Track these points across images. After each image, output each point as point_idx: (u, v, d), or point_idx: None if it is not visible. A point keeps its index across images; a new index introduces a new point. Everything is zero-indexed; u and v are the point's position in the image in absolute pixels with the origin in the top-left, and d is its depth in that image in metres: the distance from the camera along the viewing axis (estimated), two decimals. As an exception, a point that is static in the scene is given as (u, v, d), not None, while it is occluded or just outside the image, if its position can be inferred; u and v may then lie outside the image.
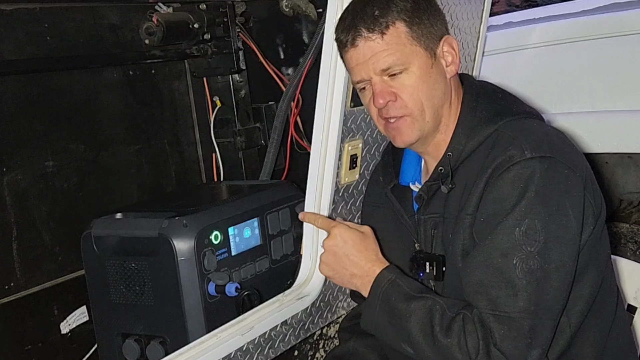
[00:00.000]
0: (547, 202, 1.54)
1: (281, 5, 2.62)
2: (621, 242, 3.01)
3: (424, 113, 1.67)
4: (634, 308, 2.12)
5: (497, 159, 1.58)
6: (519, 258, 1.52)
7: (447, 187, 1.67)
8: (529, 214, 1.53)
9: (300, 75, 2.43)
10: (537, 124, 1.68)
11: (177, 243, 1.97)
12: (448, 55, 1.69)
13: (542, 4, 4.27)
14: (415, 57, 1.65)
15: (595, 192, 1.64)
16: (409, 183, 1.82)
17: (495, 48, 2.94)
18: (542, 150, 1.57)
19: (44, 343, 2.22)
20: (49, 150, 2.25)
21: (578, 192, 1.57)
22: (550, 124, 1.77)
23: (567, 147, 1.64)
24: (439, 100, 1.68)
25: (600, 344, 1.67)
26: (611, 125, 2.90)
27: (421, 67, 1.65)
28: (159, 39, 2.37)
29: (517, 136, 1.60)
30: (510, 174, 1.56)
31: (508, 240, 1.54)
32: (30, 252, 2.19)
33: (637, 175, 3.01)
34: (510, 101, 1.74)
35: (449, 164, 1.68)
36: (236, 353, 1.76)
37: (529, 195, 1.54)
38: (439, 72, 1.68)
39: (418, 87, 1.65)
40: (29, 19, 2.15)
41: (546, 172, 1.55)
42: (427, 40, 1.66)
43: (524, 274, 1.52)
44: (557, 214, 1.54)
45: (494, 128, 1.65)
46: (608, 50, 2.95)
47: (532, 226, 1.53)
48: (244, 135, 2.68)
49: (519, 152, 1.57)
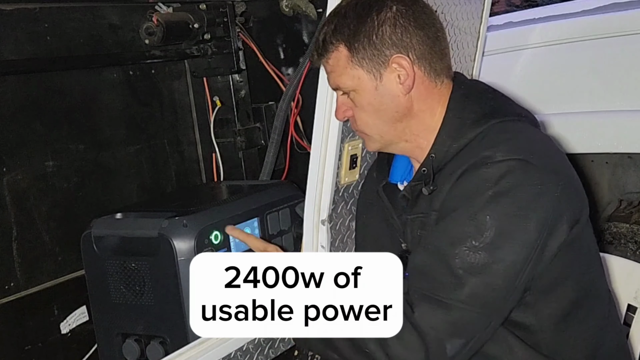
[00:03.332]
0: (508, 201, 1.53)
1: (281, 5, 2.62)
2: (621, 242, 3.01)
3: (373, 131, 1.73)
4: (634, 308, 2.12)
5: (471, 160, 1.59)
6: (463, 249, 1.53)
7: (429, 189, 1.67)
8: (484, 209, 1.54)
9: (300, 75, 2.43)
10: (523, 127, 1.68)
11: (177, 243, 1.97)
12: (399, 74, 1.68)
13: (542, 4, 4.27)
14: (358, 80, 1.68)
15: (574, 200, 1.62)
16: (398, 182, 1.83)
17: (495, 48, 2.94)
18: (516, 153, 1.56)
19: (44, 343, 2.22)
20: (49, 150, 2.25)
21: (549, 198, 1.55)
22: (544, 124, 1.76)
23: (547, 151, 1.64)
24: (390, 119, 1.70)
25: (590, 348, 1.67)
26: (611, 125, 2.89)
27: (365, 89, 1.68)
28: (159, 39, 2.37)
29: (497, 139, 1.60)
30: (477, 173, 1.57)
31: (458, 230, 1.55)
32: (30, 252, 2.19)
33: (637, 175, 3.01)
34: (501, 102, 1.73)
35: (432, 166, 1.68)
36: (236, 353, 1.76)
37: (489, 193, 1.54)
38: (386, 92, 1.68)
39: (364, 108, 1.70)
40: (29, 19, 2.14)
41: (514, 174, 1.54)
42: (370, 63, 1.67)
43: (463, 265, 1.53)
44: (516, 215, 1.53)
45: (479, 130, 1.64)
46: (608, 50, 2.95)
47: (484, 221, 1.53)
48: (244, 135, 2.68)
49: (491, 154, 1.57)
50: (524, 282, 1.56)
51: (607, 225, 3.03)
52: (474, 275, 1.52)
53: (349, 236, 2.04)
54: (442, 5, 2.05)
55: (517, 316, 1.62)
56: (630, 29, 2.88)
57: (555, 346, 1.64)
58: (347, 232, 2.03)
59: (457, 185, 1.59)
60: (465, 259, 1.53)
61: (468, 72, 2.33)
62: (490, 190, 1.54)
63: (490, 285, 1.53)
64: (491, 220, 1.53)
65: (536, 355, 1.62)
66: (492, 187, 1.54)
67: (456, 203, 1.58)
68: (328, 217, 1.94)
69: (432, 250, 1.58)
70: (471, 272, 1.52)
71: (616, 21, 2.94)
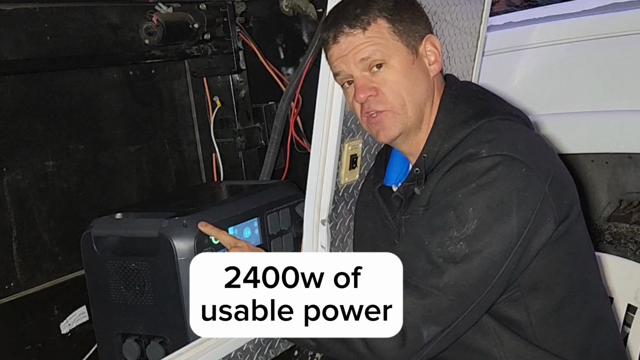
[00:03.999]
0: (491, 194, 1.54)
1: (281, 5, 2.62)
2: (621, 242, 3.01)
3: (406, 107, 1.69)
4: (634, 308, 2.12)
5: (457, 157, 1.61)
6: (444, 239, 1.55)
7: (421, 189, 1.68)
8: (466, 200, 1.55)
9: (300, 75, 2.43)
10: (512, 126, 1.68)
11: (177, 243, 1.97)
12: (431, 54, 1.71)
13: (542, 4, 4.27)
14: (397, 52, 1.67)
15: (562, 197, 1.62)
16: (392, 184, 1.83)
17: (495, 48, 2.94)
18: (501, 148, 1.57)
19: (44, 343, 2.22)
20: (49, 150, 2.25)
21: (533, 193, 1.56)
22: (541, 124, 1.77)
23: (534, 148, 1.64)
24: (421, 96, 1.70)
25: (582, 345, 1.67)
26: (611, 125, 2.89)
27: (402, 62, 1.67)
28: (159, 39, 2.37)
29: (484, 138, 1.61)
30: (462, 167, 1.58)
31: (440, 220, 1.57)
32: (30, 252, 2.19)
33: (637, 175, 3.01)
34: (491, 102, 1.74)
35: (424, 166, 1.68)
36: (236, 353, 1.76)
37: (472, 185, 1.55)
38: (420, 69, 1.70)
39: (399, 81, 1.67)
40: (29, 19, 2.14)
41: (498, 168, 1.55)
42: (408, 37, 1.68)
43: (443, 254, 1.54)
44: (498, 208, 1.54)
45: (469, 130, 1.65)
46: (608, 50, 2.95)
47: (466, 212, 1.54)
48: (244, 135, 2.68)
49: (476, 151, 1.58)
50: (505, 276, 1.57)
51: (607, 225, 3.03)
52: (453, 265, 1.54)
53: (349, 236, 2.04)
54: (442, 5, 2.05)
55: (507, 311, 1.63)
56: (630, 29, 2.88)
57: (546, 341, 1.64)
58: (347, 232, 2.03)
59: (443, 180, 1.62)
60: (445, 248, 1.54)
61: (468, 72, 2.33)
62: (474, 182, 1.56)
63: (467, 274, 1.54)
64: (473, 212, 1.54)
65: (526, 345, 1.63)
66: (476, 180, 1.56)
67: (441, 196, 1.60)
68: (328, 217, 1.94)
69: (414, 239, 1.60)
70: (450, 261, 1.54)
71: (616, 21, 2.94)
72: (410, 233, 1.64)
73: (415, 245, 1.59)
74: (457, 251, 1.54)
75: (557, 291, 1.64)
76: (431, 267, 1.55)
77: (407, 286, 1.54)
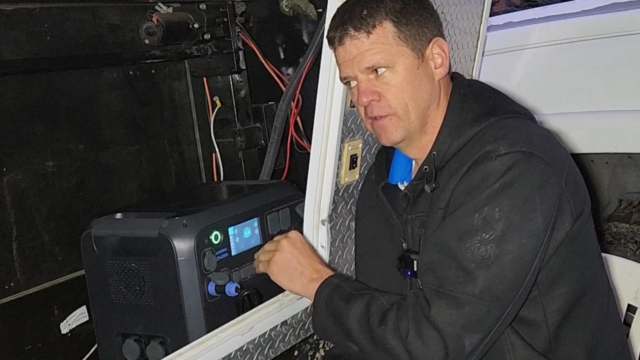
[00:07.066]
0: (514, 193, 1.54)
1: (281, 5, 2.62)
2: (621, 242, 3.01)
3: (409, 113, 1.68)
4: (634, 308, 2.12)
5: (474, 156, 1.60)
6: (473, 243, 1.53)
7: (431, 187, 1.68)
8: (491, 201, 1.54)
9: (300, 75, 2.43)
10: (522, 123, 1.69)
11: (177, 243, 1.97)
12: (438, 57, 1.71)
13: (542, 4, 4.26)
14: (401, 57, 1.66)
15: (577, 193, 1.63)
16: (397, 182, 1.82)
17: (495, 48, 2.94)
18: (518, 145, 1.57)
19: (44, 343, 2.21)
20: (49, 150, 2.25)
21: (553, 189, 1.56)
22: (543, 124, 1.77)
23: (549, 144, 1.64)
24: (424, 101, 1.69)
25: (590, 345, 1.67)
26: (611, 125, 2.89)
27: (407, 67, 1.67)
28: (159, 39, 2.37)
29: (498, 134, 1.61)
30: (482, 167, 1.57)
31: (466, 224, 1.55)
32: (30, 252, 2.19)
33: (637, 175, 3.01)
34: (499, 100, 1.74)
35: (434, 164, 1.68)
36: (236, 353, 1.76)
37: (495, 185, 1.54)
38: (425, 74, 1.69)
39: (402, 87, 1.67)
40: (29, 19, 2.14)
41: (518, 166, 1.55)
42: (414, 41, 1.67)
43: (475, 259, 1.53)
44: (523, 206, 1.53)
45: (479, 128, 1.65)
46: (608, 50, 2.95)
47: (492, 214, 1.53)
48: (244, 135, 2.68)
49: (494, 148, 1.58)
50: (534, 274, 1.56)
51: (607, 225, 3.03)
52: (485, 269, 1.52)
53: (349, 236, 2.04)
54: (442, 5, 2.05)
55: (523, 312, 1.62)
56: (630, 29, 2.89)
57: (559, 341, 1.64)
58: (347, 232, 2.03)
59: (463, 181, 1.60)
60: (475, 252, 1.53)
61: (468, 72, 2.33)
62: (497, 182, 1.54)
63: (500, 277, 1.53)
64: (499, 213, 1.53)
65: (537, 356, 1.62)
66: (499, 180, 1.54)
67: (463, 198, 1.58)
68: (328, 217, 1.94)
69: (440, 246, 1.58)
70: (482, 266, 1.52)
71: (616, 21, 2.94)
72: (435, 240, 1.61)
73: (442, 252, 1.57)
74: (488, 254, 1.52)
75: (572, 289, 1.63)
76: (464, 274, 1.53)
77: (442, 297, 1.53)
